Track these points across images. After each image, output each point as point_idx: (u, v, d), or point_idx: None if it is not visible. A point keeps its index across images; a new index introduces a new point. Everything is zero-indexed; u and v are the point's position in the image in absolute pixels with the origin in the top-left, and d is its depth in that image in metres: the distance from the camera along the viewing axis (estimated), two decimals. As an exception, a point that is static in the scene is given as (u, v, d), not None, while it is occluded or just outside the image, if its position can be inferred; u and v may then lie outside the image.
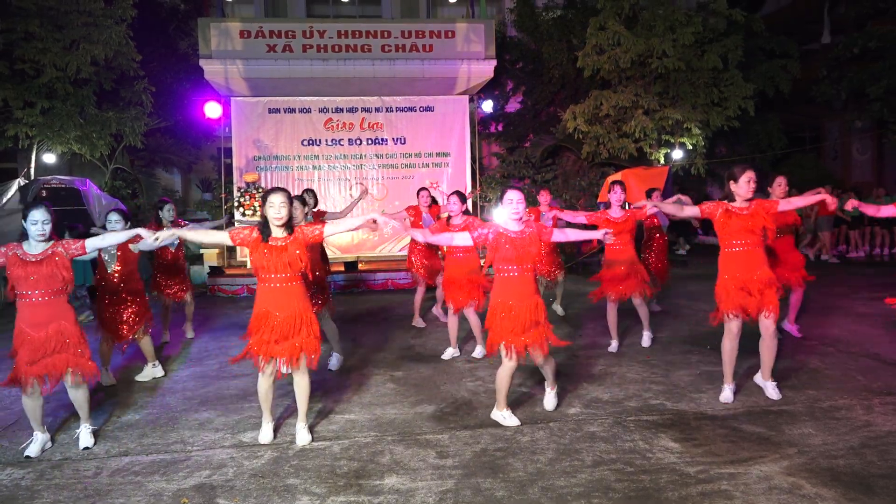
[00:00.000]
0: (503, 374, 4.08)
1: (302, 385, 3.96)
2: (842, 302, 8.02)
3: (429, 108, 12.59)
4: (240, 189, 11.57)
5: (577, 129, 12.28)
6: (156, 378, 5.40)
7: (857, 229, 13.10)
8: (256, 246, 3.79)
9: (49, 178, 10.10)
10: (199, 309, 7.58)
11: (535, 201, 7.90)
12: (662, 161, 12.66)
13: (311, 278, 5.33)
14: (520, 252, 3.94)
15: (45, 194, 9.33)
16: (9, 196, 10.13)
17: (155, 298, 6.42)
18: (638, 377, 5.12)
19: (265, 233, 3.81)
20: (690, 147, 12.59)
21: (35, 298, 3.73)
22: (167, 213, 6.48)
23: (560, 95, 14.68)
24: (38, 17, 9.80)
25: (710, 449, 3.69)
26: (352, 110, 12.41)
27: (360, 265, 10.80)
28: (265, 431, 4.00)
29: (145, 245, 4.92)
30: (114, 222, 5.14)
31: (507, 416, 4.16)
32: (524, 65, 15.17)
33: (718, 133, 13.35)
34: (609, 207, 5.90)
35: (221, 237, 3.89)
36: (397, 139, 12.51)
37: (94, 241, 3.97)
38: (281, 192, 3.83)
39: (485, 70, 12.28)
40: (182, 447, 3.92)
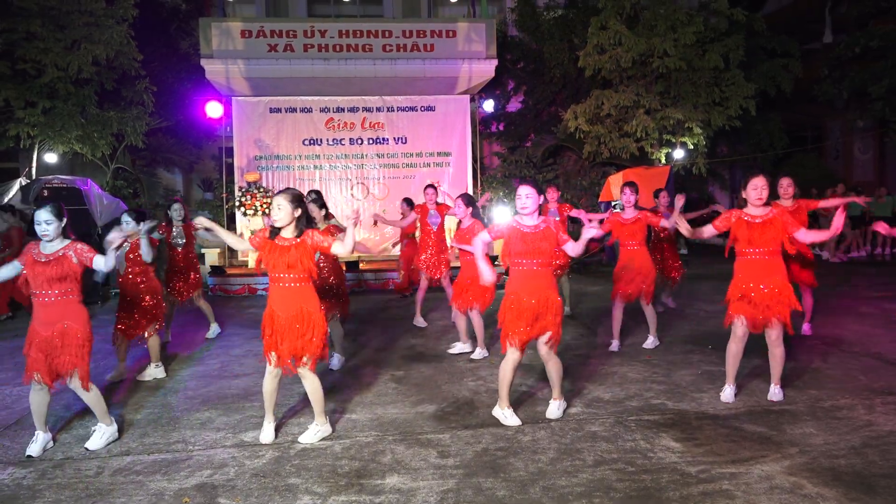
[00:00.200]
0: (506, 368, 4.08)
1: (308, 386, 3.96)
2: (843, 301, 8.02)
3: (430, 108, 12.60)
4: (241, 189, 11.59)
5: (579, 128, 12.28)
6: (157, 378, 5.41)
7: (859, 229, 13.10)
8: (264, 244, 3.84)
9: (50, 177, 10.10)
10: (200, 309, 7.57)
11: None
12: (664, 161, 12.66)
13: (329, 283, 5.34)
14: (530, 246, 3.97)
15: (46, 194, 9.33)
16: (10, 196, 10.16)
17: (165, 297, 6.44)
18: (639, 377, 5.12)
19: (273, 232, 3.87)
20: (692, 147, 12.58)
21: (45, 298, 3.78)
22: (175, 212, 6.50)
23: (561, 95, 14.68)
24: (39, 17, 9.82)
25: (712, 448, 3.68)
26: (353, 110, 12.43)
27: (360, 265, 10.80)
28: (267, 431, 4.00)
29: (145, 251, 5.00)
30: (125, 223, 5.20)
31: (508, 416, 4.15)
32: (525, 64, 15.17)
33: (720, 133, 13.34)
34: (614, 207, 5.87)
35: (245, 246, 4.03)
36: (398, 139, 12.53)
37: (99, 261, 3.85)
38: (281, 194, 3.82)
39: (486, 70, 12.29)
40: (183, 447, 3.92)
